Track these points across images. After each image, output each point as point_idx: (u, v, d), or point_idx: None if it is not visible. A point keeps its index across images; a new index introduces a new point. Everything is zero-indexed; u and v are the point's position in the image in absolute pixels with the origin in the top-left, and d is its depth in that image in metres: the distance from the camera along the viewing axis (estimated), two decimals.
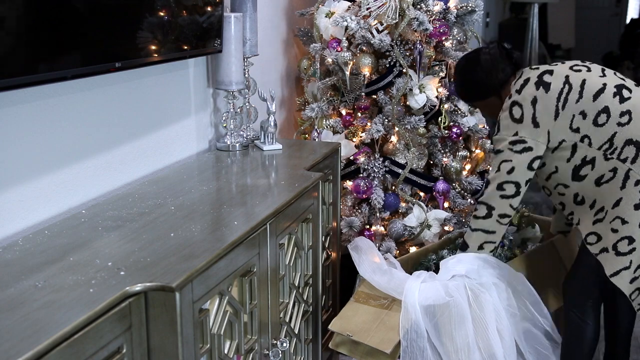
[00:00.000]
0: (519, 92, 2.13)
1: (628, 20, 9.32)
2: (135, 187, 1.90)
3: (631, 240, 2.00)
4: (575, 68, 2.13)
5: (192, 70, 2.27)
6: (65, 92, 1.67)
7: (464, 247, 2.22)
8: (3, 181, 1.51)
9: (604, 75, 2.11)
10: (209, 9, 2.09)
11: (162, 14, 1.86)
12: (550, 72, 2.12)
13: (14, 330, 1.10)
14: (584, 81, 2.08)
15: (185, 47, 2.03)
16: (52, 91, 1.62)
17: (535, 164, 2.11)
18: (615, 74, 2.15)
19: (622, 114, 2.03)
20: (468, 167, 2.95)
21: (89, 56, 1.62)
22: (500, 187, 2.12)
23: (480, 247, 2.18)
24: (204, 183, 1.98)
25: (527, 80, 2.13)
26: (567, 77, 2.10)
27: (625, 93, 2.06)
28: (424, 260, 2.35)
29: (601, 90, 2.06)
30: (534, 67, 2.18)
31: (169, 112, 2.16)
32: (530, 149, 2.09)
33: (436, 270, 2.23)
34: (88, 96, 1.76)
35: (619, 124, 2.03)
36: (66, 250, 1.44)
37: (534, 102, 2.09)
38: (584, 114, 2.05)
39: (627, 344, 2.34)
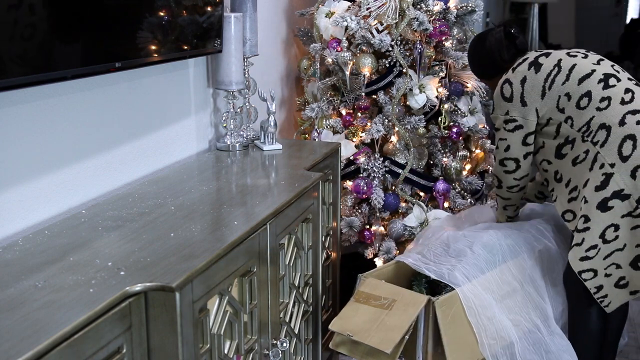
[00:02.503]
0: (513, 70, 2.26)
1: (628, 20, 9.32)
2: (135, 187, 1.90)
3: (587, 219, 2.07)
4: (571, 54, 2.23)
5: (192, 70, 2.27)
6: (65, 92, 1.67)
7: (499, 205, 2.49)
8: (3, 181, 1.51)
9: (598, 64, 2.19)
10: (209, 9, 2.09)
11: (162, 14, 1.86)
12: (547, 55, 2.24)
13: (14, 330, 1.10)
14: (574, 65, 2.17)
15: (185, 47, 2.03)
16: (52, 91, 1.62)
17: (530, 139, 2.24)
18: (612, 66, 2.21)
19: (602, 100, 2.11)
20: (468, 167, 2.95)
21: (89, 56, 1.62)
22: (501, 163, 2.31)
23: (504, 208, 2.48)
24: (204, 183, 1.98)
25: (524, 60, 2.26)
26: (559, 60, 2.20)
27: (612, 81, 2.13)
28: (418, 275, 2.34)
29: (588, 76, 2.15)
30: (539, 50, 2.29)
31: (169, 112, 2.16)
32: (520, 127, 2.22)
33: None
34: (88, 96, 1.76)
35: (598, 109, 2.10)
36: (66, 250, 1.44)
37: (523, 81, 2.21)
38: (568, 96, 2.15)
39: (615, 347, 2.33)
